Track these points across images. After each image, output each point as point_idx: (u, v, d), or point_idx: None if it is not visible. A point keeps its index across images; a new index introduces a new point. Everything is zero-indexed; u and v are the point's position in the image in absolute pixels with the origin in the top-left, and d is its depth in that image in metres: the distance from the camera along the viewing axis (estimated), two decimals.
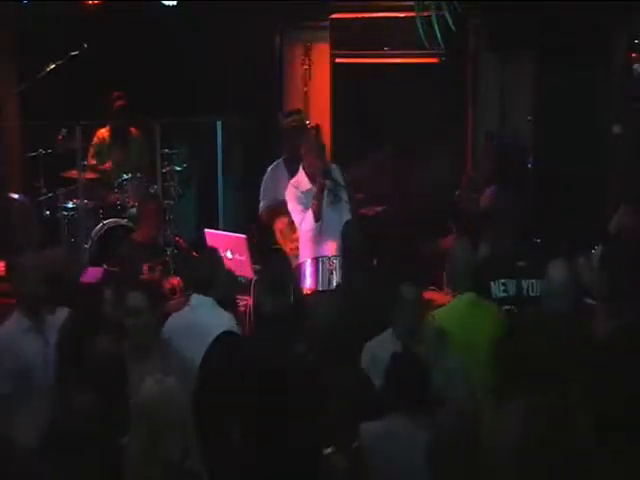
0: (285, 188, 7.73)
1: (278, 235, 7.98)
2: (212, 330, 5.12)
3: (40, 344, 5.41)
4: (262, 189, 8.10)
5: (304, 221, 7.38)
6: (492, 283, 5.89)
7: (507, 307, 5.82)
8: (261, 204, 8.10)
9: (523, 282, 5.90)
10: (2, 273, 7.73)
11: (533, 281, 5.88)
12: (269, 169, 8.15)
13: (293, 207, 7.42)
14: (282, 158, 8.18)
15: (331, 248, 7.29)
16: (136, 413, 4.00)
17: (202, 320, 5.47)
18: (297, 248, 7.68)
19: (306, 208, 7.34)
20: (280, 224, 7.93)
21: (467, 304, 5.61)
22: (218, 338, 4.91)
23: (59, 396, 4.67)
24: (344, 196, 7.39)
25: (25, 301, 5.51)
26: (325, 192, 7.36)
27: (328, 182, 7.33)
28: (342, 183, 7.48)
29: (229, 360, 4.71)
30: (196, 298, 5.73)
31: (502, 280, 5.89)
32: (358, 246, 6.40)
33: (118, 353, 4.60)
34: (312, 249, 7.37)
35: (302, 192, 7.38)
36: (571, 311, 5.29)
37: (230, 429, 4.41)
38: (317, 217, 7.35)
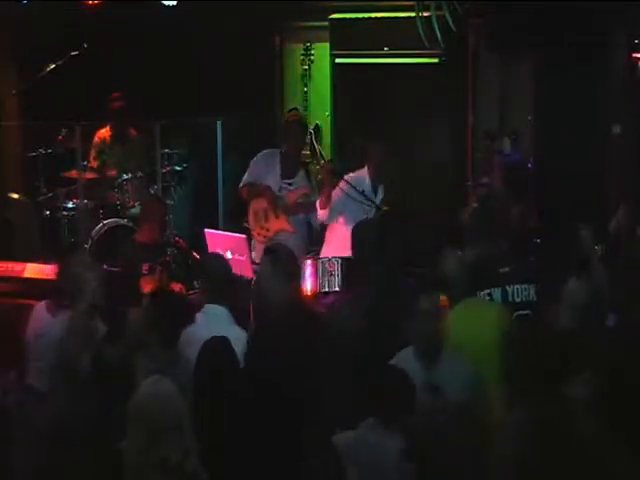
0: (273, 177, 7.88)
1: (251, 216, 7.95)
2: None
3: None
4: (250, 166, 8.01)
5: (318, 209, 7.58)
6: (477, 294, 5.79)
7: None
8: (243, 178, 8.01)
9: (508, 289, 5.83)
10: (19, 274, 7.73)
11: (518, 286, 5.83)
12: (264, 152, 8.06)
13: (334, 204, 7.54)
14: (280, 150, 8.15)
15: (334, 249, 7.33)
16: (133, 415, 4.00)
17: (213, 333, 5.42)
18: (266, 237, 7.77)
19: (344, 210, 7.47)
20: (256, 205, 7.91)
21: (465, 305, 5.59)
22: (207, 343, 4.91)
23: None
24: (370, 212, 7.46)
25: (77, 298, 5.52)
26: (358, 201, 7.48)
27: (358, 196, 7.42)
28: (378, 199, 7.58)
29: (219, 364, 4.72)
30: (210, 308, 5.70)
31: (487, 290, 5.81)
32: (367, 246, 6.37)
33: (125, 358, 4.60)
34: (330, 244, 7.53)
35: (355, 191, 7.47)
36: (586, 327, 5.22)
37: (223, 431, 4.43)
38: (321, 205, 7.51)
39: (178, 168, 9.50)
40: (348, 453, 4.39)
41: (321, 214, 7.63)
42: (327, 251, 7.51)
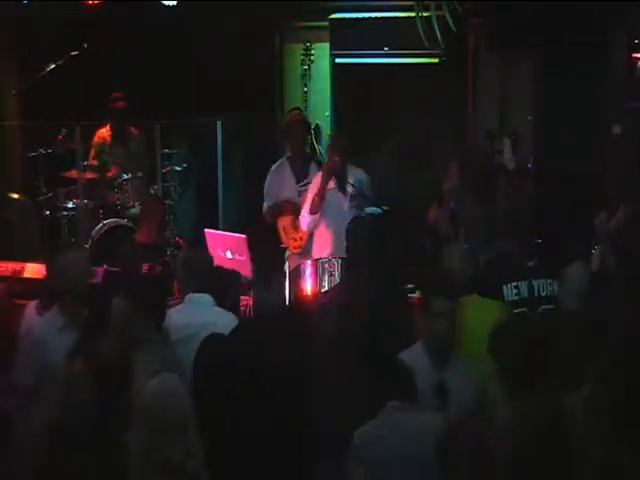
0: (289, 187, 7.91)
1: (282, 233, 8.03)
2: (213, 327, 5.15)
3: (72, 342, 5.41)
4: (265, 189, 8.12)
5: (302, 215, 7.42)
6: (504, 287, 5.83)
7: (520, 309, 5.79)
8: (265, 204, 8.12)
9: (534, 282, 5.86)
10: (19, 274, 7.72)
11: (543, 280, 5.85)
12: (272, 168, 8.17)
13: (306, 203, 7.48)
14: (286, 156, 8.22)
15: (334, 246, 7.33)
16: (139, 411, 4.00)
17: (202, 318, 5.46)
18: (300, 246, 7.78)
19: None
20: (283, 222, 7.98)
21: (471, 305, 5.58)
22: (206, 340, 4.92)
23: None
24: (364, 205, 7.44)
25: (63, 297, 5.55)
26: (348, 196, 7.44)
27: (351, 187, 7.38)
28: (367, 192, 7.56)
29: (218, 362, 4.73)
30: (195, 297, 5.72)
31: (514, 283, 5.84)
32: (363, 245, 6.37)
33: (122, 352, 4.60)
34: (320, 245, 7.45)
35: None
36: (586, 312, 5.23)
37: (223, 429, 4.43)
38: (313, 209, 7.39)
39: (178, 168, 9.50)
40: (372, 438, 4.38)
41: (310, 220, 7.51)
42: (317, 251, 7.50)
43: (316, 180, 7.61)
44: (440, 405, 4.71)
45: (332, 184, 7.49)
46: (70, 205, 9.03)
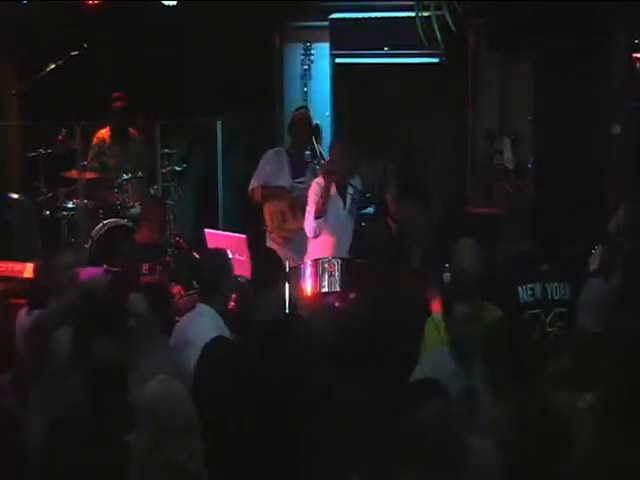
0: (285, 176, 7.98)
1: (268, 219, 8.02)
2: (199, 341, 5.14)
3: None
4: (259, 166, 8.12)
5: (307, 219, 7.42)
6: (520, 288, 5.85)
7: (534, 311, 5.82)
8: (253, 181, 8.11)
9: (547, 285, 5.88)
10: (19, 274, 7.72)
11: (556, 284, 5.88)
12: (271, 151, 8.21)
13: (309, 207, 7.45)
14: (284, 148, 8.26)
15: (332, 248, 7.32)
16: (141, 413, 4.00)
17: (196, 329, 5.45)
18: (284, 239, 7.84)
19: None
20: (271, 207, 7.97)
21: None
22: (210, 344, 4.92)
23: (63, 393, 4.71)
24: (359, 208, 7.49)
25: (58, 297, 5.55)
26: (348, 199, 7.45)
27: (352, 190, 7.39)
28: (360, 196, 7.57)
29: (221, 366, 4.72)
30: (201, 307, 5.71)
31: (529, 285, 5.87)
32: (377, 246, 6.35)
33: (118, 353, 4.61)
34: (316, 247, 7.45)
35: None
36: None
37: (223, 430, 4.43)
38: (318, 214, 7.37)
39: (178, 168, 9.51)
40: None
41: (315, 225, 7.39)
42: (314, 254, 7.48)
43: (313, 187, 7.50)
44: (470, 410, 4.67)
45: (332, 189, 7.48)
46: (70, 205, 9.03)
